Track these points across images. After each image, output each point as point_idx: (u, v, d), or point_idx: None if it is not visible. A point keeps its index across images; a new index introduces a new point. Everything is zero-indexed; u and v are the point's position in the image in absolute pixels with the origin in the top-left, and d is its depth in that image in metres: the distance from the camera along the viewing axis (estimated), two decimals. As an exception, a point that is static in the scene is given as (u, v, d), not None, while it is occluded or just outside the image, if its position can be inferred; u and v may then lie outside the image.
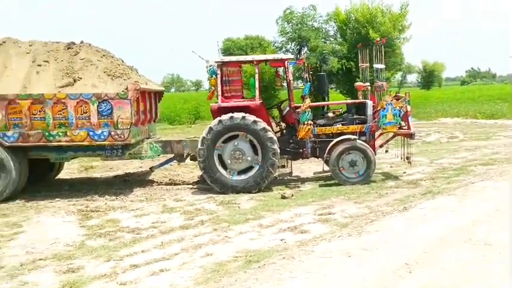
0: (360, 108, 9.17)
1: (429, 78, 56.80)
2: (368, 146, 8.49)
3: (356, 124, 8.89)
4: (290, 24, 26.71)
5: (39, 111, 7.98)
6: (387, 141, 9.29)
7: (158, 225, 6.38)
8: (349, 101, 11.24)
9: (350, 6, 25.58)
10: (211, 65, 8.66)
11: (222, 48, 49.79)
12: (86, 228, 6.36)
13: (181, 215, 6.87)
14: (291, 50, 27.46)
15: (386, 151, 9.58)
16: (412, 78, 68.19)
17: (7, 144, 7.90)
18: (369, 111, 8.88)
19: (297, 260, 4.50)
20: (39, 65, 8.45)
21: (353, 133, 8.69)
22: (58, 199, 8.08)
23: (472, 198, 6.68)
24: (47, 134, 8.00)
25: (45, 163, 9.13)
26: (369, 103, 8.96)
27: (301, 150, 8.89)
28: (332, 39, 27.22)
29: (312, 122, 8.71)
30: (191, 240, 5.61)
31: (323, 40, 26.36)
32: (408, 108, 8.70)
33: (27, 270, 4.86)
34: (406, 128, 8.74)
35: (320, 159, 9.01)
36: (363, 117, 8.95)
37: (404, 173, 9.37)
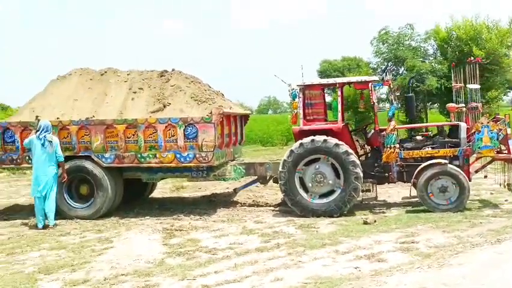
0: (453, 131, 8.58)
1: (548, 96, 51.33)
2: (460, 171, 7.88)
3: (447, 148, 8.32)
4: (386, 44, 26.06)
5: (133, 135, 8.56)
6: (484, 166, 8.55)
7: (235, 246, 6.45)
8: (440, 123, 10.58)
9: (452, 24, 24.32)
10: (293, 89, 8.71)
11: (318, 70, 50.06)
12: (167, 246, 6.63)
13: (258, 237, 6.90)
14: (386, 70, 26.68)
15: (485, 176, 8.81)
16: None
17: (104, 165, 8.58)
18: (463, 134, 8.27)
19: (366, 291, 4.26)
20: (135, 92, 9.14)
21: (444, 157, 8.14)
22: (148, 217, 8.56)
23: None
24: (139, 156, 8.56)
25: (140, 183, 9.75)
26: (463, 125, 8.34)
27: (386, 174, 8.52)
28: (431, 58, 26.03)
29: (398, 146, 8.34)
30: (264, 264, 5.59)
31: (421, 59, 25.29)
32: (509, 131, 7.95)
33: (109, 284, 5.17)
34: (506, 152, 7.99)
35: (407, 183, 8.55)
36: (455, 140, 8.35)
37: (505, 200, 8.55)
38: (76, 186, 8.86)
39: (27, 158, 8.65)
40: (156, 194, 11.17)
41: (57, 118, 8.62)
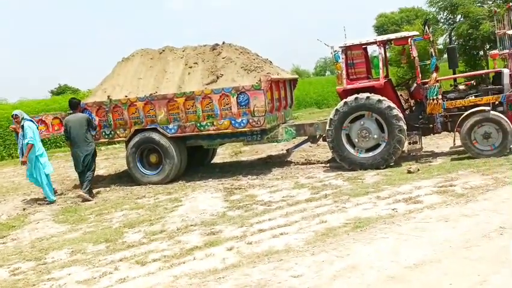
0: (496, 77, 8.72)
1: None
2: (503, 116, 8.10)
3: (490, 95, 8.51)
4: (440, -8, 25.19)
5: (192, 106, 9.45)
6: (528, 110, 8.64)
7: (287, 198, 7.25)
8: (481, 71, 10.59)
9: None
10: (335, 51, 9.18)
11: (375, 26, 48.66)
12: (228, 202, 7.56)
13: (308, 190, 7.64)
14: (442, 20, 25.90)
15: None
16: None
17: (169, 135, 9.60)
18: (506, 80, 8.42)
19: (395, 225, 4.92)
20: (190, 67, 9.99)
21: (487, 104, 8.36)
22: (210, 179, 9.55)
23: None
24: (198, 124, 9.48)
25: (202, 150, 10.76)
26: (506, 71, 8.48)
27: (431, 125, 8.87)
28: (489, 2, 24.86)
29: (441, 97, 8.64)
30: (311, 211, 6.35)
31: (478, 4, 24.27)
32: (553, 74, 8.00)
33: (181, 232, 6.17)
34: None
35: (453, 133, 8.86)
36: (498, 87, 8.51)
37: (553, 143, 8.61)
38: (146, 156, 9.98)
39: (103, 133, 9.87)
40: (217, 159, 12.17)
41: (126, 96, 9.72)
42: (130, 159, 9.83)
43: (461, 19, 24.11)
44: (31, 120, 9.07)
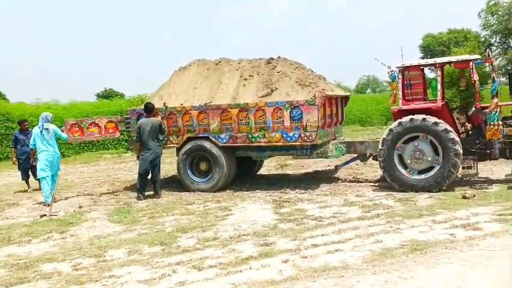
0: (561, 106, 8.45)
1: None
2: None
3: (553, 124, 8.25)
4: (495, 16, 24.66)
5: (245, 118, 9.61)
6: None
7: (338, 215, 7.24)
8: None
9: None
10: (392, 70, 9.16)
11: (421, 46, 47.96)
12: (278, 214, 7.61)
13: (359, 208, 7.60)
14: (496, 44, 25.30)
15: None
16: None
17: (220, 144, 9.78)
18: None
19: (458, 251, 4.83)
20: (245, 79, 10.18)
21: (548, 133, 8.11)
22: (258, 191, 9.64)
23: None
24: (250, 136, 9.62)
25: (249, 161, 10.89)
26: None
27: (488, 151, 8.68)
28: (548, 27, 24.11)
29: (501, 123, 8.45)
30: (365, 229, 6.32)
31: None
32: None
33: (235, 241, 6.26)
34: None
35: (510, 160, 8.63)
36: None
37: None
38: (197, 164, 10.20)
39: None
40: (263, 171, 12.27)
41: (181, 104, 9.99)
42: (181, 165, 10.06)
43: (494, 50, 23.48)
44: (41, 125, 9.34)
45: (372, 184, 9.66)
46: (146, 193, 9.64)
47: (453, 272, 4.33)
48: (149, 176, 9.68)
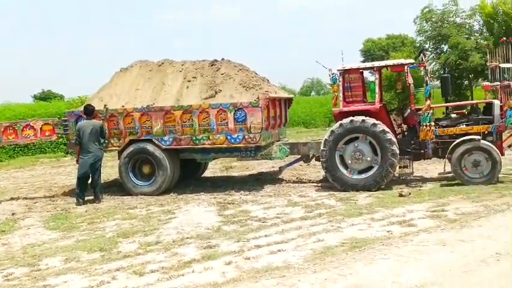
0: (487, 108, 9.01)
1: None
2: (493, 146, 8.35)
3: (481, 124, 8.78)
4: (429, 22, 25.92)
5: (188, 120, 9.51)
6: (516, 141, 8.94)
7: (281, 216, 7.31)
8: (473, 101, 10.94)
9: (497, -1, 23.87)
10: (333, 73, 9.40)
11: (362, 50, 49.64)
12: (222, 216, 7.58)
13: (302, 208, 7.72)
14: (430, 49, 26.61)
15: (516, 150, 9.22)
16: None
17: (164, 147, 9.61)
18: (496, 111, 8.71)
19: (393, 246, 5.03)
20: (189, 81, 10.08)
21: (477, 133, 8.62)
22: (202, 193, 9.56)
23: None
24: (194, 138, 9.52)
25: (193, 163, 10.78)
26: (496, 103, 8.78)
27: (422, 151, 9.09)
28: (476, 34, 25.66)
29: (433, 124, 8.88)
30: (307, 229, 6.42)
31: (466, 36, 25.01)
32: (542, 107, 8.33)
33: (177, 245, 6.15)
34: (538, 127, 8.38)
35: (442, 159, 9.09)
36: (489, 117, 8.79)
37: (539, 174, 8.91)
38: (139, 167, 9.96)
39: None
40: (207, 173, 12.20)
41: (123, 106, 9.73)
42: (123, 169, 9.80)
43: (449, 49, 24.81)
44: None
45: (315, 184, 9.85)
46: (86, 198, 9.30)
47: (389, 267, 4.49)
48: (90, 180, 9.35)
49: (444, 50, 25.40)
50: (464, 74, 23.16)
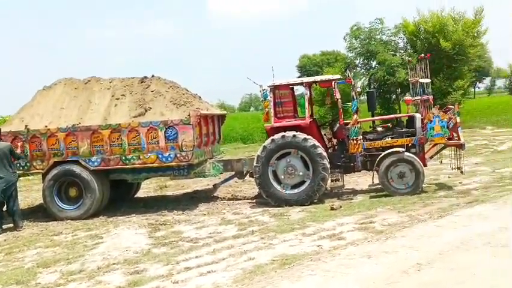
0: (410, 121, 9.43)
1: (517, 82, 53.25)
2: (416, 157, 8.72)
3: (404, 137, 9.16)
4: (358, 39, 27.03)
5: (117, 139, 9.18)
6: (437, 152, 9.42)
7: (214, 235, 7.17)
8: (397, 115, 11.45)
9: (419, 17, 25.37)
10: (264, 89, 9.47)
11: (298, 66, 50.86)
12: (153, 238, 7.32)
13: (235, 226, 7.63)
14: (359, 65, 27.71)
15: (440, 162, 9.70)
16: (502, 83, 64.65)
17: (91, 168, 9.20)
18: (418, 124, 9.12)
19: (321, 262, 5.05)
20: (117, 99, 9.75)
21: (401, 146, 8.98)
22: (134, 215, 9.22)
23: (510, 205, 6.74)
24: (123, 158, 9.20)
25: (125, 184, 10.40)
26: (418, 116, 9.20)
27: (352, 164, 9.33)
28: (401, 51, 27.07)
29: (361, 137, 9.16)
30: (239, 248, 6.33)
31: (392, 53, 26.32)
32: (458, 119, 8.84)
33: (103, 272, 5.84)
34: (457, 139, 8.87)
35: (371, 172, 9.37)
36: (412, 130, 9.20)
37: (459, 183, 9.42)
38: (65, 189, 9.46)
39: (18, 165, 9.23)
40: (141, 194, 11.82)
41: (46, 126, 9.23)
42: (47, 192, 9.27)
43: (377, 65, 25.96)
44: None
45: (250, 201, 9.81)
46: (5, 226, 8.67)
47: (315, 283, 4.49)
48: (5, 208, 8.72)
49: (373, 66, 26.53)
50: (392, 88, 24.30)
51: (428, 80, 9.49)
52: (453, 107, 9.00)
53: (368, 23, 27.03)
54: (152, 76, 10.22)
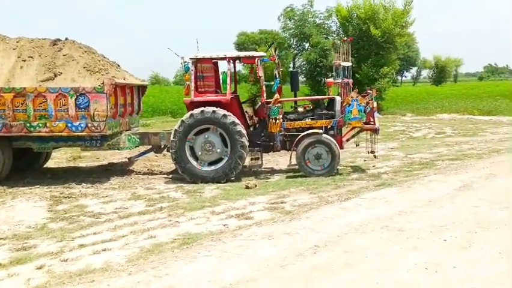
0: (330, 104, 9.48)
1: (440, 73, 56.24)
2: (333, 140, 8.80)
3: (324, 119, 9.20)
4: (292, 21, 27.03)
5: (22, 104, 8.48)
6: (354, 135, 9.57)
7: (119, 211, 6.82)
8: (318, 96, 11.54)
9: (352, 3, 25.77)
10: (185, 62, 9.07)
11: (235, 43, 50.23)
12: (53, 212, 6.84)
13: (144, 202, 7.30)
14: (293, 46, 27.81)
15: (357, 145, 9.90)
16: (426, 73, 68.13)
17: (-9, 134, 8.43)
18: (338, 106, 9.17)
19: (221, 242, 4.90)
20: (24, 60, 8.97)
21: (320, 127, 9.01)
22: (38, 186, 8.60)
23: (413, 190, 6.99)
24: (28, 125, 8.52)
25: (32, 153, 9.68)
26: (338, 99, 9.25)
27: (271, 143, 9.25)
28: (334, 35, 27.44)
29: (281, 117, 9.08)
30: (143, 225, 6.03)
31: (324, 36, 26.61)
32: (375, 104, 9.00)
33: (-14, 247, 5.35)
34: (372, 123, 9.04)
35: (290, 151, 9.35)
36: (331, 112, 9.25)
37: (373, 166, 9.66)
38: (-40, 157, 8.63)
39: None
40: (51, 164, 11.10)
41: None
42: None
43: (310, 47, 26.18)
44: None
45: (165, 176, 9.49)
46: None
47: (210, 265, 4.32)
48: None
49: (306, 48, 26.73)
50: (323, 71, 24.59)
51: (349, 64, 9.56)
52: (371, 91, 9.13)
53: (300, 5, 27.10)
54: (66, 39, 9.50)
